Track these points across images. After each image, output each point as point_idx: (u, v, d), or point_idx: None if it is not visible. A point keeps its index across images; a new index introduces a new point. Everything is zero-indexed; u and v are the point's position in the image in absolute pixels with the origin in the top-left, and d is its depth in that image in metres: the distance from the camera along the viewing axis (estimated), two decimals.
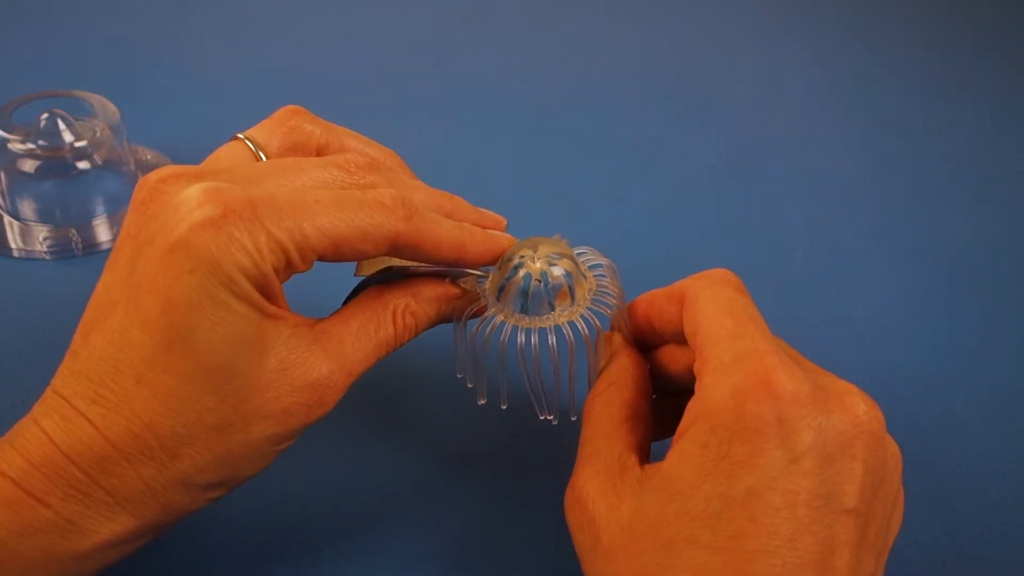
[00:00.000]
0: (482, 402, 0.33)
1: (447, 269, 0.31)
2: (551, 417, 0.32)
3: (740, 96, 0.69)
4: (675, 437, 0.26)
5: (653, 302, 0.31)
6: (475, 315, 0.31)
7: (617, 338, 0.32)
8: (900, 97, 0.71)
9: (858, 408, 0.25)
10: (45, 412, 0.25)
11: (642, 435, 0.29)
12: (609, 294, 0.31)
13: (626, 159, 0.59)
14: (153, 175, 0.26)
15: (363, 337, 0.29)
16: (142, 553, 0.27)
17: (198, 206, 0.24)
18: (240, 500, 0.33)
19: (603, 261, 0.33)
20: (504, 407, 0.33)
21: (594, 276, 0.32)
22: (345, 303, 0.31)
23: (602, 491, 0.27)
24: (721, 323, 0.27)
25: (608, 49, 0.75)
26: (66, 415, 0.25)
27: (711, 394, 0.25)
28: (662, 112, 0.65)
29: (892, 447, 0.26)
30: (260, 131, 0.31)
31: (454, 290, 0.31)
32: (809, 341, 0.45)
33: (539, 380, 0.31)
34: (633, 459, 0.28)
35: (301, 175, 0.28)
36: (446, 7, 0.79)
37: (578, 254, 0.32)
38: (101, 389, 0.25)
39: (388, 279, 0.31)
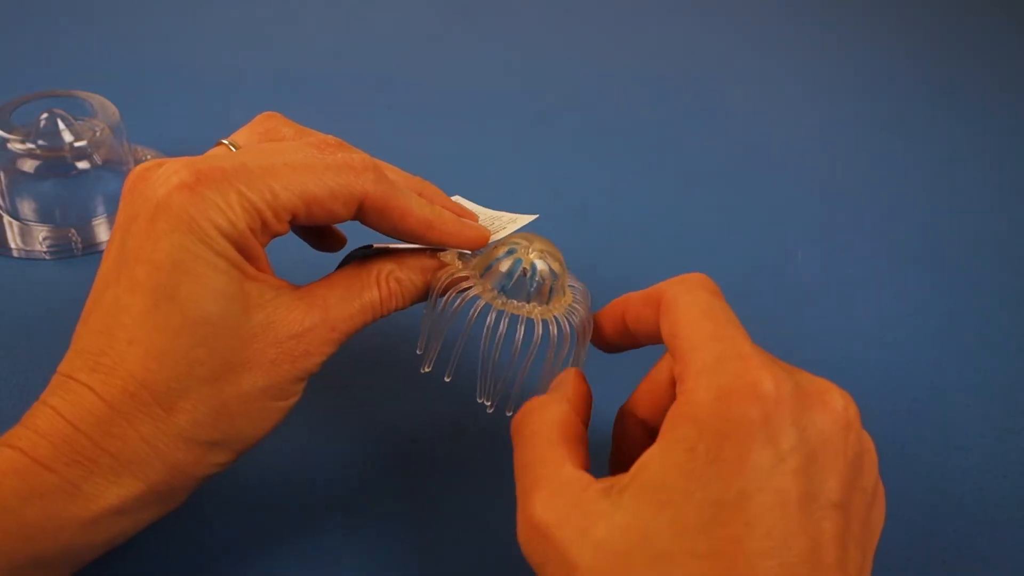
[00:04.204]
0: (426, 370, 0.33)
1: (428, 247, 0.32)
2: (488, 403, 0.32)
3: (740, 96, 0.69)
4: (656, 442, 0.25)
5: (628, 304, 0.31)
6: (453, 284, 0.32)
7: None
8: (900, 98, 0.71)
9: (837, 404, 0.25)
10: (51, 392, 0.27)
11: (584, 456, 0.28)
12: (578, 313, 0.32)
13: (626, 159, 0.59)
14: (139, 167, 0.28)
15: (347, 297, 0.30)
16: (140, 552, 0.27)
17: (174, 173, 0.27)
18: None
19: (578, 285, 0.33)
20: (448, 380, 0.33)
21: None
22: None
23: (566, 516, 0.25)
24: (701, 327, 0.27)
25: (608, 49, 0.75)
26: (70, 389, 0.26)
27: (696, 397, 0.25)
28: (662, 112, 0.65)
29: (867, 440, 0.26)
30: (239, 135, 0.33)
31: (435, 262, 0.32)
32: (810, 341, 0.45)
33: (494, 363, 0.31)
34: (588, 477, 0.26)
35: (275, 153, 0.29)
36: (446, 7, 0.79)
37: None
38: (99, 357, 0.26)
39: (370, 255, 0.32)
